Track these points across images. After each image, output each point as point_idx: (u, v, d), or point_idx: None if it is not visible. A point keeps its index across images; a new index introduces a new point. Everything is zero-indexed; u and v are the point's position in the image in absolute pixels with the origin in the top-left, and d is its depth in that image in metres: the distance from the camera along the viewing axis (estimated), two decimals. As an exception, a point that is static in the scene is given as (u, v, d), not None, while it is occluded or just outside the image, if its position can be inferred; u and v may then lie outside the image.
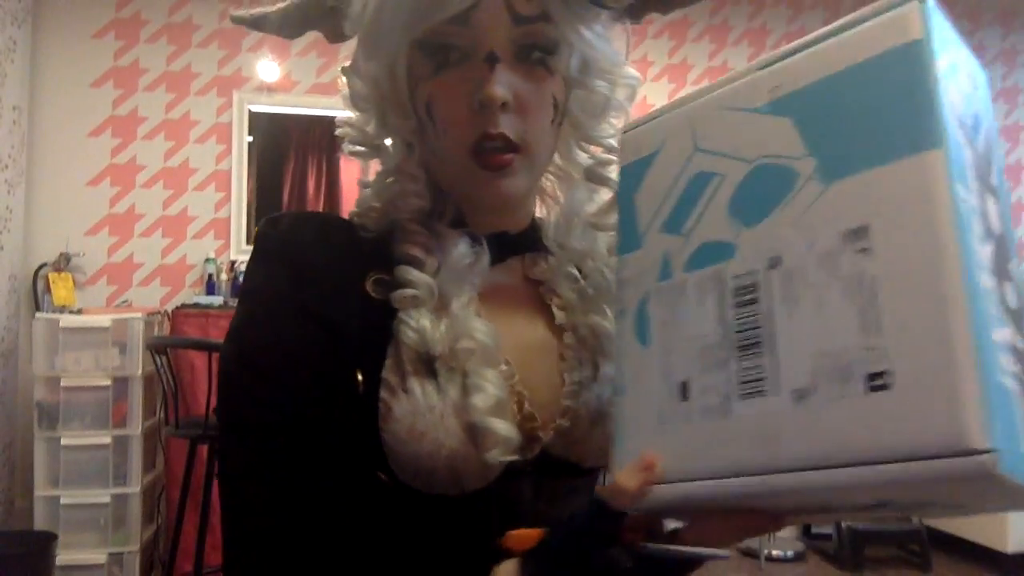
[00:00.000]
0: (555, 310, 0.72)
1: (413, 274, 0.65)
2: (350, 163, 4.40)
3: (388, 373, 0.63)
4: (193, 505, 2.83)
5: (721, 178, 0.51)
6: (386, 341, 0.64)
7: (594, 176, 0.73)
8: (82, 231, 3.62)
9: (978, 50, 4.12)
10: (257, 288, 0.66)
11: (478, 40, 0.62)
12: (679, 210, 0.53)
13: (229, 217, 3.75)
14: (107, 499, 3.05)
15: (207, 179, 3.75)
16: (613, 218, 0.68)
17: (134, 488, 3.08)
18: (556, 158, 0.73)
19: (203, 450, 2.77)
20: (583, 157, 0.73)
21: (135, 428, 3.08)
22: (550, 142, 0.68)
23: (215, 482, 1.40)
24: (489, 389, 0.62)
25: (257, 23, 0.74)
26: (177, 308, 3.40)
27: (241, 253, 3.74)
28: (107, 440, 3.05)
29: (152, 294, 3.67)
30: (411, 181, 0.68)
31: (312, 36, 0.76)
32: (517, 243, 0.73)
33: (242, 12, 0.74)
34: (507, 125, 0.63)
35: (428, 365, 0.63)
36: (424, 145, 0.67)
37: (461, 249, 0.67)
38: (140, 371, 3.07)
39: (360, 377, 0.63)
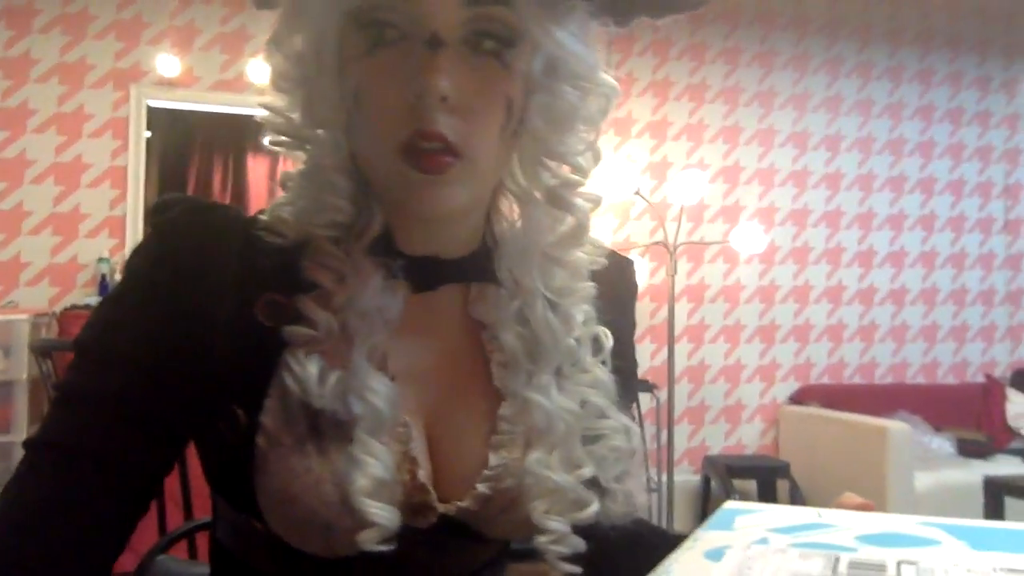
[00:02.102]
0: (494, 368, 0.62)
1: (312, 310, 0.56)
2: (258, 162, 4.31)
3: (268, 417, 0.55)
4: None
5: None
6: (270, 376, 0.56)
7: (556, 199, 0.61)
8: (-37, 227, 3.42)
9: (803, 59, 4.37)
10: (135, 270, 0.59)
11: (420, 18, 0.52)
12: None
13: (125, 215, 3.60)
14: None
15: (102, 175, 3.60)
16: (574, 253, 0.62)
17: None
18: (519, 175, 0.62)
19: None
20: (547, 176, 0.61)
21: (19, 434, 2.94)
22: (499, 152, 0.57)
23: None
24: (371, 467, 0.54)
25: None
26: (66, 309, 3.26)
27: (138, 253, 3.60)
28: (-11, 447, 2.90)
29: (40, 295, 3.49)
30: (330, 188, 0.58)
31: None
32: (457, 270, 0.62)
33: None
34: (447, 124, 0.53)
35: (313, 419, 0.55)
36: (352, 142, 0.57)
37: (373, 285, 0.57)
38: (25, 375, 2.95)
39: (240, 412, 0.55)
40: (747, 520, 0.49)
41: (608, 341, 0.65)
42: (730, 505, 0.53)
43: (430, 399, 0.61)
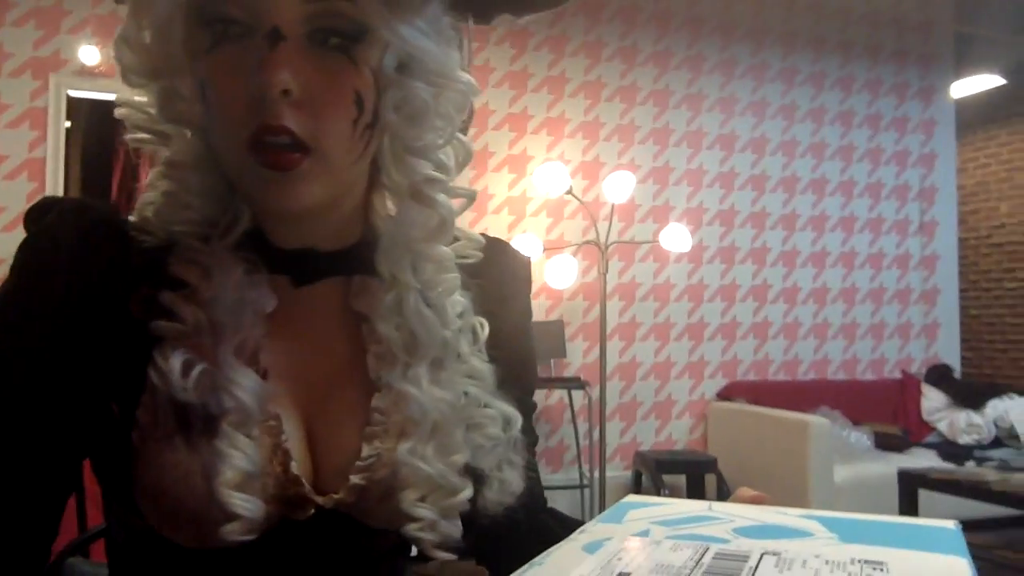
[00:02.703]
0: (370, 359, 0.62)
1: (178, 305, 0.56)
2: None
3: (141, 411, 0.56)
4: None
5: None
6: (144, 372, 0.56)
7: (418, 195, 0.61)
8: None
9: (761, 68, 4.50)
10: (15, 271, 0.58)
11: (261, 13, 0.52)
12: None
13: (44, 209, 3.47)
14: None
15: (18, 167, 3.47)
16: (438, 247, 0.62)
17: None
18: (392, 171, 0.61)
19: None
20: (413, 172, 0.61)
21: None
22: (352, 145, 0.56)
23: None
24: (235, 460, 0.54)
25: None
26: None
27: (57, 248, 3.48)
28: None
29: (-49, 291, 3.34)
30: (184, 186, 0.58)
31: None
32: (336, 263, 0.63)
33: None
34: (292, 119, 0.52)
35: (182, 413, 0.55)
36: (209, 136, 0.57)
37: (234, 278, 0.57)
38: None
39: (116, 409, 0.56)
40: (638, 513, 0.50)
41: (484, 331, 0.66)
42: (629, 499, 0.54)
43: (307, 392, 0.61)
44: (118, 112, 0.60)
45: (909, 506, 3.23)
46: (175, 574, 0.59)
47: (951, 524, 0.47)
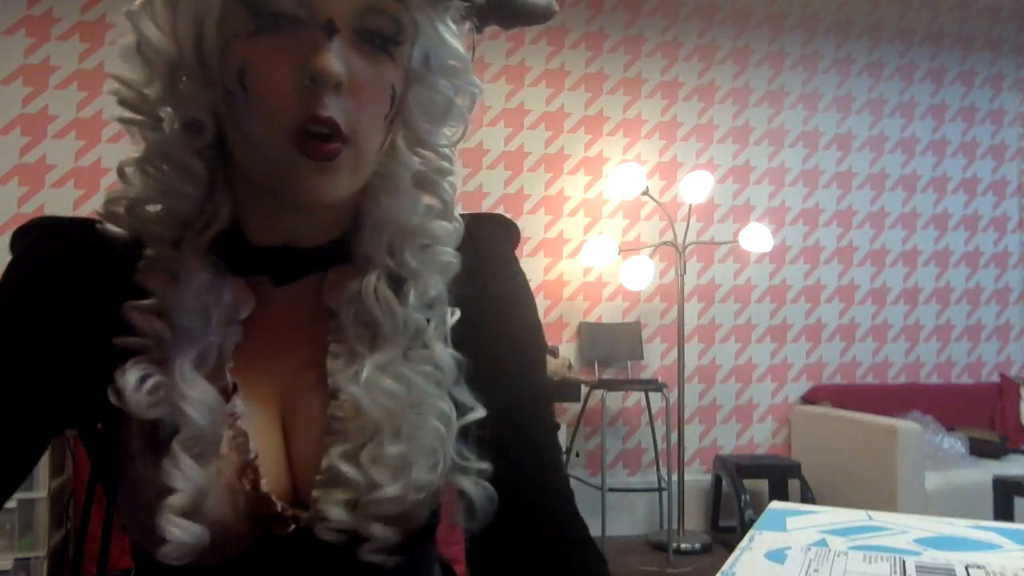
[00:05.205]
0: (328, 362, 0.60)
1: (136, 318, 0.55)
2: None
3: (123, 429, 0.56)
4: (99, 508, 2.78)
5: None
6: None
7: (424, 182, 0.61)
8: (-13, 231, 3.52)
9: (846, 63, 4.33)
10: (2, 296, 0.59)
11: (314, 4, 0.52)
12: None
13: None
14: (14, 504, 2.97)
15: (65, 175, 3.66)
16: (437, 224, 0.61)
17: (41, 493, 3.01)
18: (399, 162, 0.61)
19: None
20: (414, 161, 0.61)
21: None
22: (380, 139, 0.57)
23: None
24: (178, 482, 0.52)
25: None
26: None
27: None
28: (11, 445, 2.97)
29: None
30: (181, 173, 0.55)
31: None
32: (313, 258, 0.61)
33: None
34: (338, 109, 0.52)
35: (151, 430, 0.55)
36: (227, 124, 0.55)
37: (200, 283, 0.56)
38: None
39: (100, 425, 0.57)
40: (798, 521, 0.50)
41: (452, 318, 0.62)
42: (777, 506, 0.54)
43: (280, 403, 0.60)
44: (108, 87, 0.56)
45: (1004, 515, 3.09)
46: None
47: None
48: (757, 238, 3.93)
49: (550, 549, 0.63)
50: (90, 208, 3.63)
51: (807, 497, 3.76)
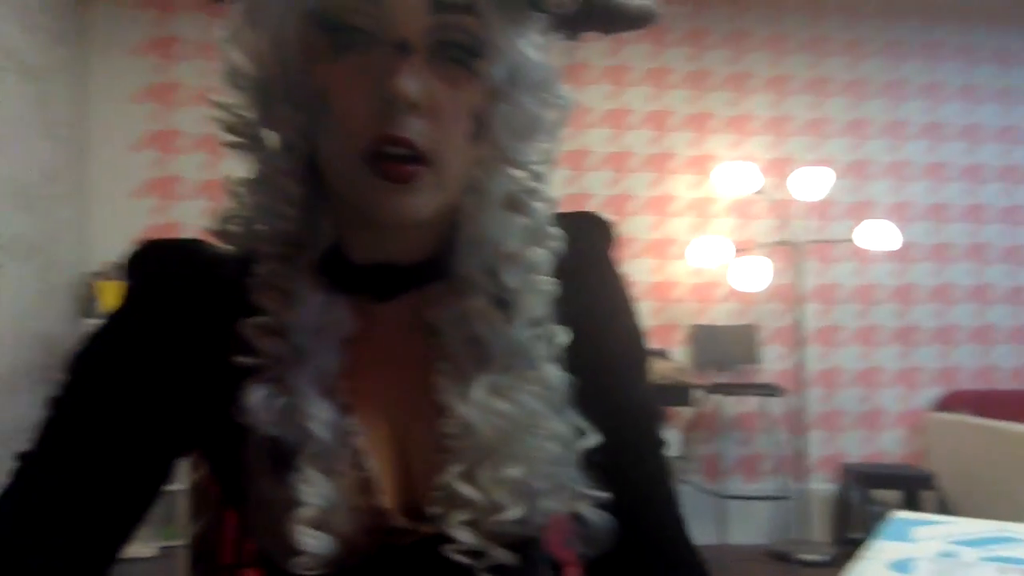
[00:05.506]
0: (438, 379, 0.60)
1: (256, 337, 0.56)
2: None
3: (247, 448, 0.57)
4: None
5: None
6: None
7: (515, 203, 0.60)
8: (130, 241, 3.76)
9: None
10: (117, 323, 0.61)
11: (387, 23, 0.51)
12: None
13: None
14: (158, 495, 3.14)
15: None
16: (532, 250, 0.60)
17: (182, 485, 3.14)
18: (490, 181, 0.59)
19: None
20: (506, 180, 0.59)
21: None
22: (465, 158, 0.56)
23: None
24: (308, 496, 0.54)
25: None
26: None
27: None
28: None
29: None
30: (281, 195, 0.56)
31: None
32: (412, 275, 0.61)
33: None
34: (414, 130, 0.52)
35: (274, 447, 0.56)
36: (316, 144, 0.55)
37: (316, 303, 0.57)
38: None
39: (226, 443, 0.58)
40: (926, 532, 0.48)
41: (562, 338, 0.62)
42: (900, 515, 0.52)
43: (393, 419, 0.61)
44: (213, 114, 0.58)
45: None
46: None
47: None
48: (881, 236, 3.73)
49: None
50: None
51: (944, 509, 3.50)
